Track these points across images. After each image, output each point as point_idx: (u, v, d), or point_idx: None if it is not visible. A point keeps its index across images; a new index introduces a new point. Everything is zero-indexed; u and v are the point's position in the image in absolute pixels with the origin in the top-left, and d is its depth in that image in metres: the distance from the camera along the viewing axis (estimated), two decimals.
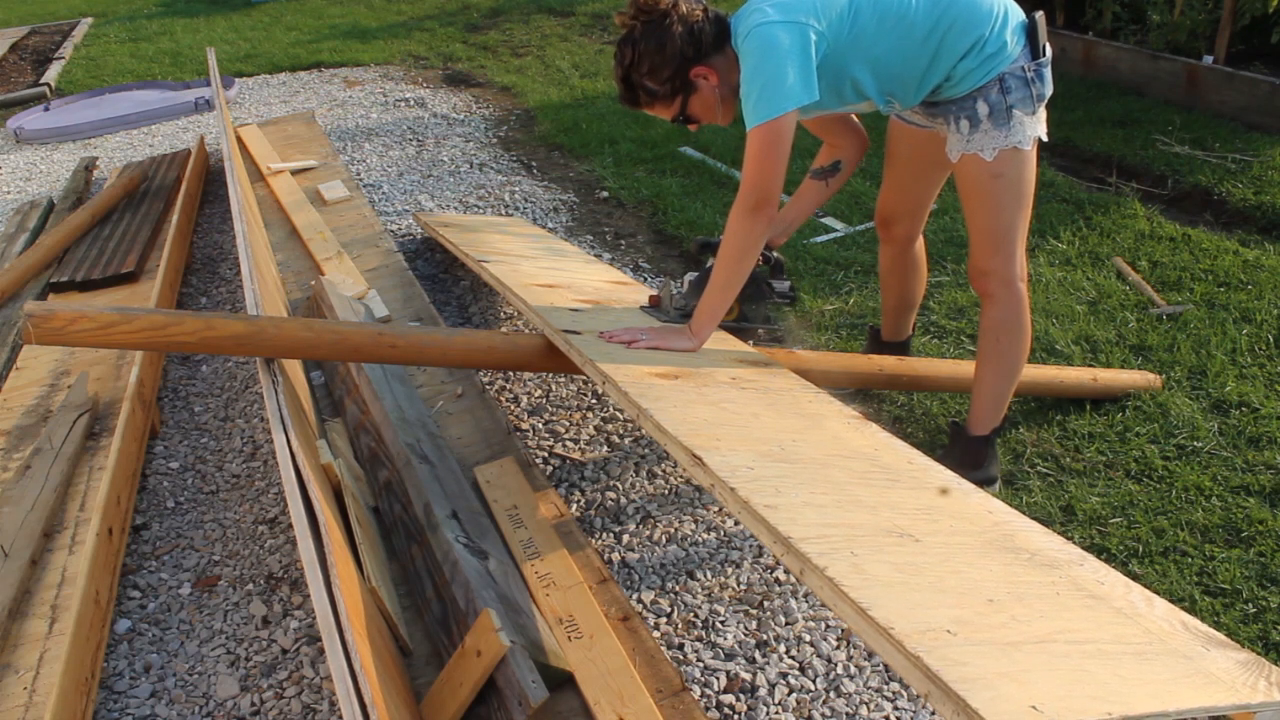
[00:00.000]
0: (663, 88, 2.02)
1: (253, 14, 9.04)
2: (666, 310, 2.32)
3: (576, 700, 1.78)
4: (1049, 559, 1.36)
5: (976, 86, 2.02)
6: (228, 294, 3.77)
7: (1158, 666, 1.13)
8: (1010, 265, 2.16)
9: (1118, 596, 1.29)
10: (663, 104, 2.06)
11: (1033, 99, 2.03)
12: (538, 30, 7.67)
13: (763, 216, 1.96)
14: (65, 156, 5.62)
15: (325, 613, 1.41)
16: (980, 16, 1.98)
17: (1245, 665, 1.18)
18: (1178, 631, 1.23)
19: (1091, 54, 5.22)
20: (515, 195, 4.50)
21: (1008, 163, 2.06)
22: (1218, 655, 1.19)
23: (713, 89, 2.04)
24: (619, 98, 2.12)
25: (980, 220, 2.14)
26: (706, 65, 2.01)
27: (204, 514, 2.52)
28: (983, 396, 2.30)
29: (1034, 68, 2.02)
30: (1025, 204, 2.14)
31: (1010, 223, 2.13)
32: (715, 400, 1.74)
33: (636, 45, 2.00)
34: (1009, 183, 2.08)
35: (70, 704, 1.82)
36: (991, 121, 2.03)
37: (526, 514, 2.25)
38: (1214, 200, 3.83)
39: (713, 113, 2.08)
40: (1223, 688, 1.11)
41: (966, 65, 2.00)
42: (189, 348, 1.98)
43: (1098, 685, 1.03)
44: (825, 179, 2.32)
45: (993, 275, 2.17)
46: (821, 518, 1.29)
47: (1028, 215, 2.16)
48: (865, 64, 2.01)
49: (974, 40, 1.98)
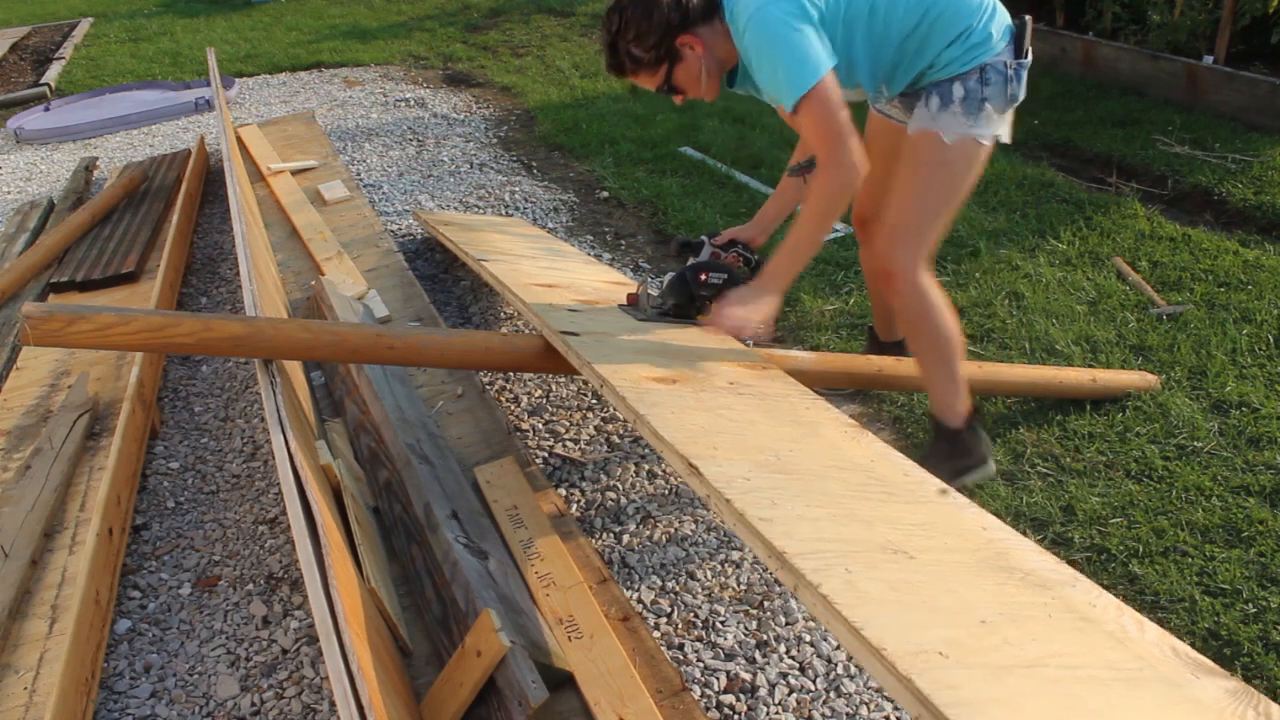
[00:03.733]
0: (648, 55, 2.02)
1: (253, 14, 9.04)
2: (643, 309, 2.29)
3: (576, 700, 1.78)
4: (1042, 579, 1.35)
5: (958, 73, 2.04)
6: (228, 294, 3.77)
7: (1147, 694, 1.13)
8: (918, 258, 2.14)
9: (1109, 620, 1.28)
10: (648, 72, 2.06)
11: (1006, 97, 2.05)
12: (538, 30, 7.67)
13: (843, 175, 1.91)
14: (65, 156, 5.63)
15: (323, 614, 1.41)
16: (968, 8, 2.01)
17: (1234, 694, 1.18)
18: (1168, 658, 1.23)
19: (1091, 54, 5.22)
20: (515, 195, 4.50)
21: (961, 154, 2.07)
22: (1207, 683, 1.19)
23: (698, 59, 2.04)
24: (605, 65, 2.12)
25: (906, 201, 2.13)
26: (693, 34, 2.01)
27: (204, 514, 2.52)
28: (932, 386, 2.30)
29: (1015, 65, 2.04)
30: (954, 203, 2.14)
31: (932, 215, 2.13)
32: (712, 406, 1.74)
33: (624, 11, 2.01)
34: (951, 174, 2.09)
35: (70, 704, 1.82)
36: (963, 106, 2.04)
37: (526, 514, 2.25)
38: (1214, 200, 3.83)
39: (697, 84, 2.08)
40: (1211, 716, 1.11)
41: (951, 53, 2.02)
42: (186, 349, 1.98)
43: (1088, 713, 1.03)
44: (803, 175, 2.32)
45: (898, 263, 2.14)
46: (817, 532, 1.28)
47: (950, 216, 2.16)
48: (857, 47, 2.02)
49: (960, 30, 2.01)
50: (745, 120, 5.11)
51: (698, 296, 2.24)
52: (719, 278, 2.24)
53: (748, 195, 4.20)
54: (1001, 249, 3.53)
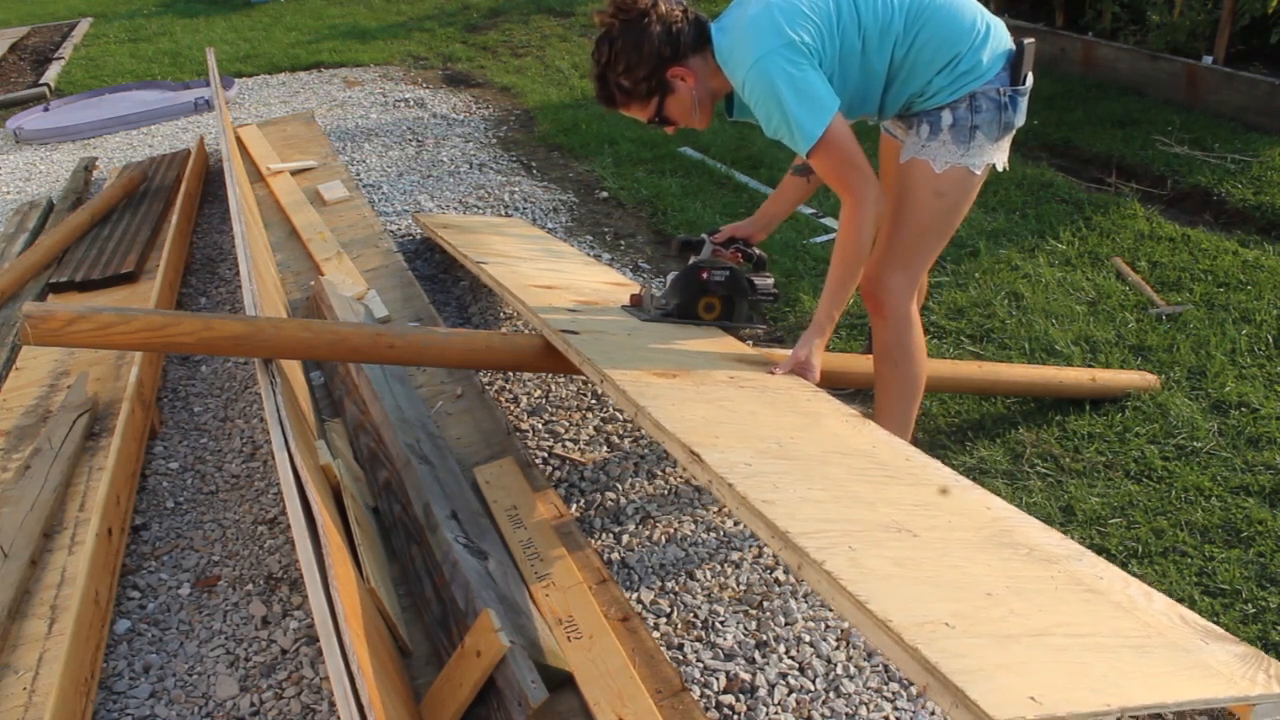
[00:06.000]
0: (638, 87, 2.01)
1: (252, 14, 9.04)
2: (647, 309, 2.29)
3: (576, 700, 1.78)
4: (1047, 554, 1.36)
5: (947, 102, 2.00)
6: (227, 294, 3.77)
7: (1156, 659, 1.13)
8: (909, 287, 2.13)
9: (1116, 591, 1.29)
10: (638, 104, 2.05)
11: (999, 125, 2.01)
12: (537, 30, 7.68)
13: (868, 210, 1.93)
14: (65, 157, 5.63)
15: (323, 614, 1.41)
16: (957, 34, 1.97)
17: (1244, 658, 1.18)
18: (1176, 625, 1.23)
19: (1091, 54, 5.22)
20: (515, 195, 4.50)
21: (952, 183, 2.03)
22: (1216, 648, 1.19)
23: (689, 90, 2.02)
24: (595, 96, 2.11)
25: (902, 230, 2.10)
26: (684, 66, 2.00)
27: (203, 514, 2.52)
28: (883, 419, 2.20)
29: (1010, 93, 1.99)
30: (949, 232, 2.13)
31: (929, 245, 2.12)
32: (713, 398, 1.74)
33: (613, 44, 1.98)
34: (946, 205, 2.06)
35: (70, 704, 1.82)
36: (952, 134, 2.00)
37: (526, 514, 2.25)
38: (1213, 200, 3.83)
39: (689, 115, 2.06)
40: (1221, 680, 1.11)
41: (940, 81, 1.99)
42: (187, 348, 1.98)
43: (1096, 677, 1.03)
44: (806, 175, 2.31)
45: (890, 291, 2.12)
46: (819, 513, 1.29)
47: (944, 244, 2.15)
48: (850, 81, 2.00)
49: (949, 58, 1.97)
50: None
51: (698, 296, 2.24)
52: (721, 275, 2.25)
53: (747, 195, 4.20)
54: (1001, 249, 3.53)
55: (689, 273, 2.25)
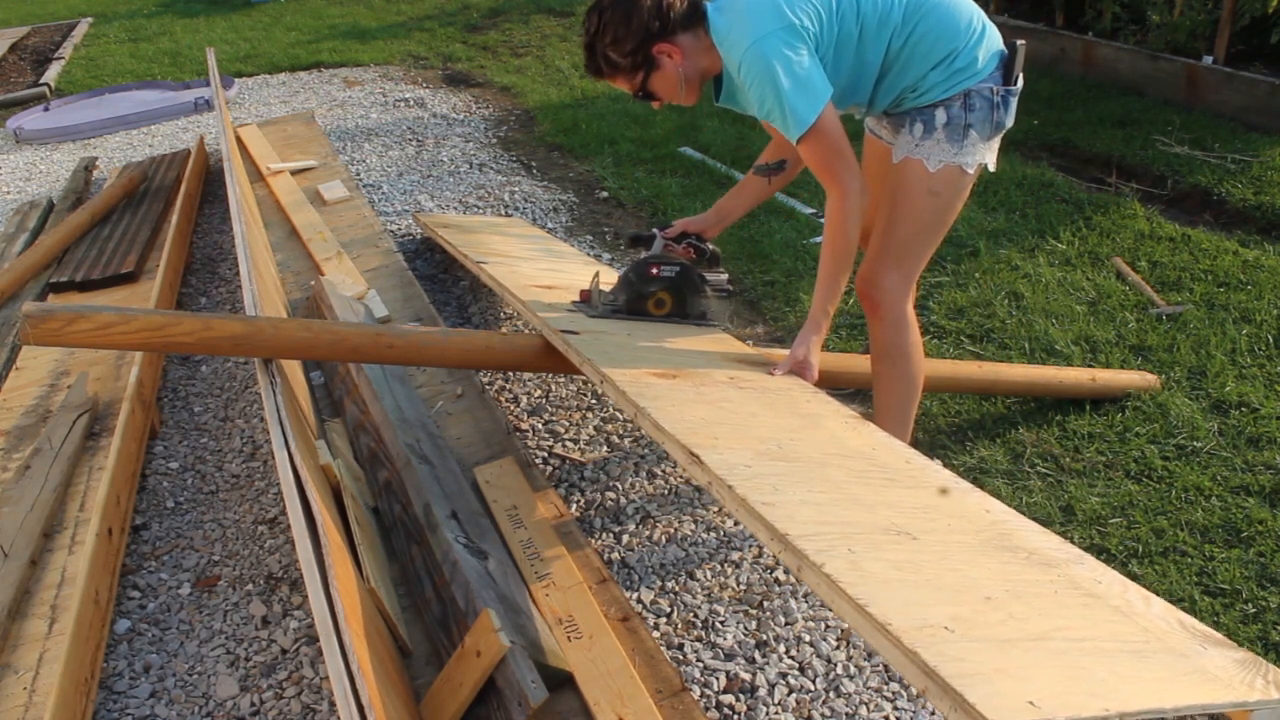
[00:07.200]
0: (625, 60, 2.00)
1: (252, 14, 9.04)
2: (595, 305, 2.25)
3: (576, 700, 1.78)
4: (1046, 558, 1.36)
5: (941, 98, 2.01)
6: (227, 294, 3.77)
7: (1155, 664, 1.13)
8: (904, 286, 2.14)
9: (1115, 595, 1.29)
10: (624, 77, 2.04)
11: (992, 124, 2.02)
12: (537, 30, 7.68)
13: (854, 201, 1.93)
14: (65, 156, 5.63)
15: (323, 614, 1.41)
16: (954, 30, 1.97)
17: (1242, 664, 1.18)
18: (1175, 630, 1.23)
19: (1091, 54, 5.22)
20: (515, 195, 4.50)
21: (946, 182, 2.04)
22: (1215, 654, 1.19)
23: (676, 67, 2.01)
24: (583, 65, 2.11)
25: (897, 230, 2.10)
26: (672, 43, 1.99)
27: (204, 514, 2.52)
28: (882, 420, 2.20)
29: (1002, 92, 2.01)
30: (942, 231, 2.13)
31: (923, 244, 2.12)
32: (713, 399, 1.74)
33: (603, 15, 1.99)
34: (940, 204, 2.07)
35: (70, 704, 1.82)
36: (946, 133, 2.01)
37: (526, 514, 2.25)
38: (1214, 200, 3.83)
39: (675, 92, 2.05)
40: (1220, 686, 1.11)
41: (935, 77, 1.99)
42: (187, 348, 1.98)
43: (1095, 682, 1.03)
44: (768, 176, 2.30)
45: (885, 291, 2.12)
46: (819, 515, 1.29)
47: (938, 243, 2.15)
48: (844, 69, 2.00)
49: (945, 53, 1.97)
50: (745, 120, 5.11)
51: (646, 292, 2.22)
52: (670, 271, 2.21)
53: None
54: (1001, 249, 3.53)
55: (638, 268, 2.22)
